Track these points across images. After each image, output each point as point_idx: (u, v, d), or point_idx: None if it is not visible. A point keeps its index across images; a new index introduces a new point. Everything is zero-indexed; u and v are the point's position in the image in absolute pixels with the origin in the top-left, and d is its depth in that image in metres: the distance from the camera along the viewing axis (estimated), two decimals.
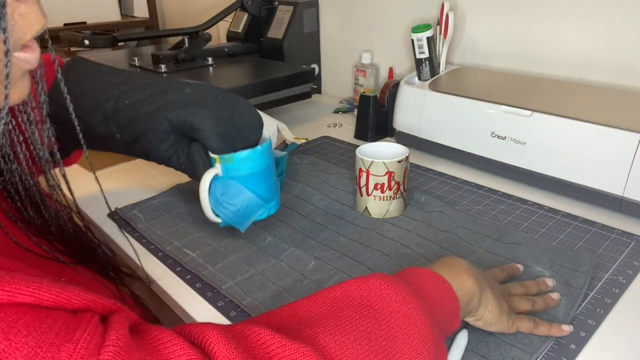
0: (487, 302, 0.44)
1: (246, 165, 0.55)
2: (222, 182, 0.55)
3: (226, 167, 0.55)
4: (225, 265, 0.59)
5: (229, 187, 0.55)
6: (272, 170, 0.58)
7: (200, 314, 0.52)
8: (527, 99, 0.75)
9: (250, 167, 0.55)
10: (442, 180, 0.79)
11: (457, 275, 0.43)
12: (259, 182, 0.57)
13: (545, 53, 0.88)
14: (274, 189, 0.59)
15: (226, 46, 1.22)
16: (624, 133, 0.62)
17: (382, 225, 0.65)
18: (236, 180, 0.55)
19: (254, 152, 0.55)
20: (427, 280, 0.41)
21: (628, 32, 0.78)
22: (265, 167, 0.57)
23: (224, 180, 0.55)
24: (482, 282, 0.44)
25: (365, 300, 0.37)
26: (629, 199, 0.64)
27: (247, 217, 0.57)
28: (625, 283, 0.53)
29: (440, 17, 0.89)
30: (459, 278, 0.43)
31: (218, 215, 0.57)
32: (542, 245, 0.59)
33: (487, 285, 0.44)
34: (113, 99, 0.53)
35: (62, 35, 1.07)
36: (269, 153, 0.57)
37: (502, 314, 0.44)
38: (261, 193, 0.57)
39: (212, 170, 0.55)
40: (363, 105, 0.95)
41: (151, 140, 0.54)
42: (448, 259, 0.46)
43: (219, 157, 0.55)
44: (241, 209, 0.56)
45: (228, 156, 0.54)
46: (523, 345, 0.45)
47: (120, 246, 0.65)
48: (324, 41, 1.29)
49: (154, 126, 0.53)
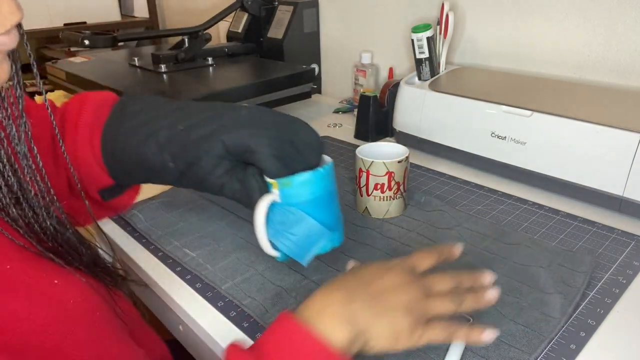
0: (375, 335, 0.39)
1: (307, 189, 0.49)
2: (280, 209, 0.49)
3: (284, 192, 0.49)
4: (226, 265, 0.59)
5: (288, 214, 0.49)
6: (334, 195, 0.52)
7: (200, 314, 0.52)
8: (527, 99, 0.75)
9: (311, 191, 0.49)
10: (442, 180, 0.79)
11: (327, 323, 0.38)
12: (321, 209, 0.50)
13: (545, 53, 0.88)
14: (338, 216, 0.53)
15: (226, 46, 1.22)
16: (624, 133, 0.62)
17: (382, 225, 0.66)
18: (295, 207, 0.49)
19: (315, 175, 0.49)
20: (285, 348, 0.37)
21: (628, 32, 0.78)
22: (328, 191, 0.50)
23: (282, 207, 0.49)
24: (359, 321, 0.38)
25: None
26: (629, 199, 0.64)
27: (309, 248, 0.50)
28: (625, 283, 0.53)
29: (440, 17, 0.89)
30: (330, 326, 0.38)
31: (276, 247, 0.51)
32: (541, 245, 0.59)
33: (372, 315, 0.39)
34: (167, 126, 0.51)
35: (62, 35, 1.07)
36: (331, 176, 0.51)
37: (399, 336, 0.39)
38: (323, 220, 0.50)
39: (268, 197, 0.49)
40: (363, 105, 0.95)
41: (205, 166, 0.50)
42: (322, 296, 0.40)
43: (276, 182, 0.49)
44: (302, 239, 0.49)
45: (286, 180, 0.48)
46: (521, 345, 0.45)
47: (120, 246, 0.65)
48: (324, 41, 1.29)
49: (208, 150, 0.49)
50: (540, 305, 0.50)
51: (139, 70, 1.11)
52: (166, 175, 0.53)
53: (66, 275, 0.39)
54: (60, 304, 0.36)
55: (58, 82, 1.19)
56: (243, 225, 0.67)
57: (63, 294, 0.37)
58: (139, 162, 0.53)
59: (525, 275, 0.54)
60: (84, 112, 0.56)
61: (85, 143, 0.55)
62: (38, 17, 1.79)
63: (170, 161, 0.51)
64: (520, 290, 0.52)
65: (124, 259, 0.66)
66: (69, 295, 0.37)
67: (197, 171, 0.51)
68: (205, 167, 0.50)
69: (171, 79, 1.04)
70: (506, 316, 0.49)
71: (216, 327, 0.51)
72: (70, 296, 0.37)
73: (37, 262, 0.37)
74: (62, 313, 0.36)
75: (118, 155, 0.54)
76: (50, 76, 1.22)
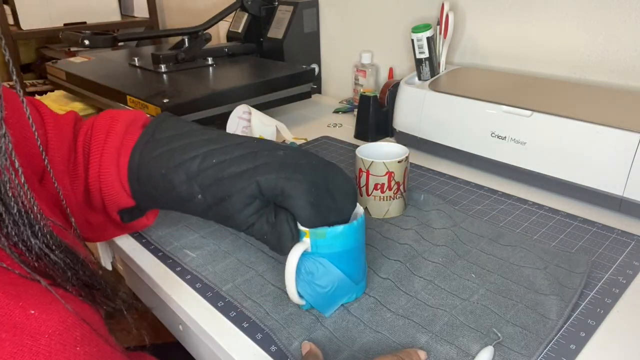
0: None
1: (339, 242, 0.48)
2: (310, 259, 0.48)
3: (317, 242, 0.48)
4: (226, 265, 0.59)
5: (318, 265, 0.48)
6: (363, 248, 0.52)
7: (200, 314, 0.52)
8: (527, 99, 0.75)
9: (343, 244, 0.48)
10: (442, 180, 0.79)
11: None
12: (350, 262, 0.50)
13: (545, 53, 0.88)
14: (364, 267, 0.53)
15: (226, 46, 1.22)
16: (624, 133, 0.62)
17: (381, 225, 0.66)
18: (326, 258, 0.48)
19: (350, 228, 0.48)
20: None
21: (628, 32, 0.78)
22: (359, 244, 0.50)
23: (312, 258, 0.48)
24: None
25: None
26: (629, 199, 0.64)
27: (334, 301, 0.50)
28: (625, 283, 0.53)
29: (440, 17, 0.89)
30: None
31: (302, 297, 0.50)
32: (538, 247, 0.59)
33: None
34: (200, 157, 0.50)
35: (62, 36, 1.07)
36: (363, 229, 0.50)
37: None
38: (351, 273, 0.50)
39: (300, 246, 0.48)
40: (363, 105, 0.95)
41: (235, 203, 0.49)
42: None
43: (309, 231, 0.47)
44: (330, 291, 0.49)
45: (321, 231, 0.47)
46: (520, 347, 0.45)
47: (120, 246, 0.65)
48: (324, 41, 1.29)
49: (241, 189, 0.48)
50: (537, 307, 0.50)
51: (139, 70, 1.11)
52: (192, 206, 0.52)
53: (48, 303, 0.34)
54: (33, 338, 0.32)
55: (58, 82, 1.19)
56: None
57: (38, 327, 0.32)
58: (166, 190, 0.51)
59: (521, 277, 0.54)
60: (112, 132, 0.54)
61: (112, 164, 0.53)
62: (38, 17, 1.79)
63: (199, 193, 0.50)
64: (517, 292, 0.52)
65: (124, 259, 0.66)
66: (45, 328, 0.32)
67: (227, 207, 0.49)
68: (235, 205, 0.49)
69: (171, 79, 1.04)
70: (503, 318, 0.49)
71: (216, 327, 0.51)
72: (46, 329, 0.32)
73: (16, 288, 0.33)
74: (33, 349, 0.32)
75: (144, 180, 0.53)
76: (51, 76, 1.22)
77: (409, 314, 0.50)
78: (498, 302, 0.51)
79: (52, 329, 0.33)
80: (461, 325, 0.48)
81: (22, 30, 1.76)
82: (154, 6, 2.00)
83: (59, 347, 0.32)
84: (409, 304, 0.51)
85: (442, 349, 0.45)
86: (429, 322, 0.49)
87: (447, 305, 0.51)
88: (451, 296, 0.52)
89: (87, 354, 0.34)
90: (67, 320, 0.34)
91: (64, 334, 0.33)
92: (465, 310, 0.50)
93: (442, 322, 0.48)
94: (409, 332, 0.47)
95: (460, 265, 0.57)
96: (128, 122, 0.55)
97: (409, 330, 0.48)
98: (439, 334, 0.47)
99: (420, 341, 0.46)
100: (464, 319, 0.49)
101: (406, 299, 0.52)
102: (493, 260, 0.57)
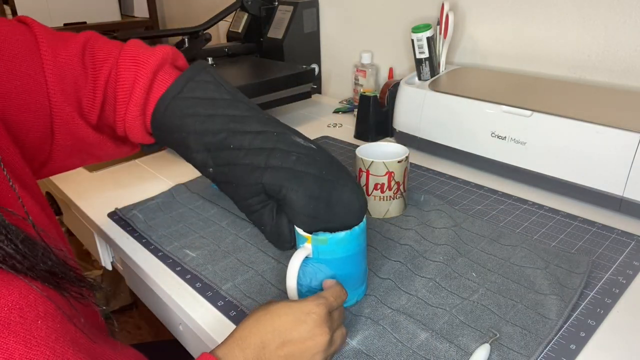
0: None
1: (341, 247, 0.48)
2: (311, 264, 0.49)
3: (318, 248, 0.48)
4: (225, 265, 0.59)
5: (318, 271, 0.49)
6: (365, 252, 0.52)
7: (200, 314, 0.52)
8: (527, 99, 0.75)
9: (345, 249, 0.49)
10: (442, 180, 0.79)
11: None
12: (352, 266, 0.50)
13: (545, 53, 0.88)
14: (365, 270, 0.53)
15: (226, 46, 1.22)
16: (624, 133, 0.62)
17: (382, 225, 0.66)
18: (327, 264, 0.49)
19: (352, 235, 0.48)
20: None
21: (628, 32, 0.78)
22: (361, 249, 0.51)
23: (313, 263, 0.49)
24: None
25: None
26: (629, 199, 0.64)
27: None
28: (625, 283, 0.53)
29: (440, 17, 0.89)
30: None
31: None
32: (539, 247, 0.59)
33: None
34: (221, 135, 0.50)
35: None
36: (364, 234, 0.51)
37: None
38: (352, 276, 0.50)
39: (302, 251, 0.48)
40: (363, 105, 0.95)
41: (240, 192, 0.51)
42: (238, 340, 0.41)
43: (311, 237, 0.48)
44: None
45: (322, 237, 0.48)
46: (519, 347, 0.45)
47: (120, 246, 0.65)
48: (324, 41, 1.29)
49: (247, 184, 0.50)
50: (537, 307, 0.50)
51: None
52: (203, 172, 0.53)
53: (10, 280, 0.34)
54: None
55: None
56: (243, 225, 0.67)
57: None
58: (183, 148, 0.53)
59: (521, 277, 0.54)
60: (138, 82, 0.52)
61: (138, 115, 0.53)
62: (38, 17, 1.76)
63: (212, 167, 0.52)
64: (517, 292, 0.52)
65: (124, 259, 0.66)
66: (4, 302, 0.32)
67: (232, 191, 0.52)
68: (241, 193, 0.51)
69: None
70: (503, 318, 0.49)
71: (216, 326, 0.51)
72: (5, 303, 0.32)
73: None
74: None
75: (165, 132, 0.53)
76: None
77: (410, 312, 0.50)
78: (498, 302, 0.51)
79: (12, 303, 0.33)
80: (461, 324, 0.48)
81: None
82: (154, 6, 2.00)
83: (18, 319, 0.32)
84: (409, 303, 0.51)
85: (441, 347, 0.45)
86: (429, 320, 0.49)
87: (447, 304, 0.51)
88: (451, 295, 0.52)
89: (49, 329, 0.34)
90: (29, 297, 0.34)
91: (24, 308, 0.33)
92: (465, 309, 0.50)
93: (442, 321, 0.48)
94: (409, 330, 0.47)
95: (461, 264, 0.57)
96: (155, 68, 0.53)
97: (409, 327, 0.48)
98: (438, 332, 0.47)
99: (420, 338, 0.46)
100: (464, 318, 0.49)
101: (406, 298, 0.52)
102: (493, 260, 0.57)
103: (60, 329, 0.35)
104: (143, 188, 0.78)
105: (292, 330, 0.41)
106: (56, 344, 0.34)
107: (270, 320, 0.42)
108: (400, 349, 0.46)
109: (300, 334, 0.41)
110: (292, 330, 0.41)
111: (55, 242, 0.41)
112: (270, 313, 0.42)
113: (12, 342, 0.31)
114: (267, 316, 0.42)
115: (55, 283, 0.37)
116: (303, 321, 0.41)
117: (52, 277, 0.37)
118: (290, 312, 0.42)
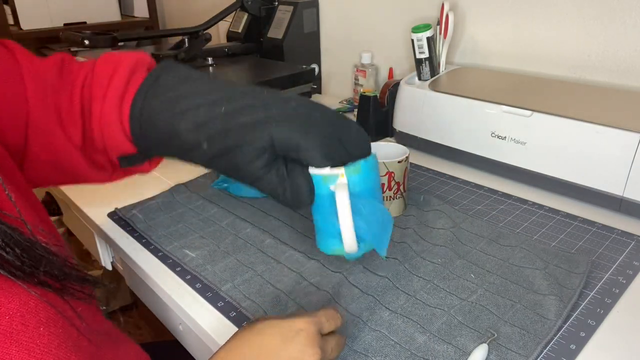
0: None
1: (372, 175, 0.47)
2: (355, 198, 0.46)
3: (353, 179, 0.45)
4: (225, 265, 0.59)
5: (360, 204, 0.46)
6: None
7: (200, 314, 0.52)
8: (527, 99, 0.75)
9: (374, 177, 0.47)
10: (442, 180, 0.79)
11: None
12: (379, 194, 0.49)
13: (545, 53, 0.88)
14: None
15: (226, 46, 1.22)
16: (624, 133, 0.62)
17: None
18: (364, 194, 0.46)
19: (375, 160, 0.48)
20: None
21: (628, 32, 0.78)
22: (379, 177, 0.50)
23: (355, 196, 0.46)
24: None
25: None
26: (629, 199, 0.64)
27: (386, 235, 0.48)
28: (625, 283, 0.53)
29: (440, 17, 0.89)
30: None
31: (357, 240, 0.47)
32: (538, 247, 0.59)
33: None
34: (206, 105, 0.47)
35: (62, 35, 1.07)
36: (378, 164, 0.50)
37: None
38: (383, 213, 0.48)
39: (342, 187, 0.45)
40: (363, 105, 0.95)
41: (244, 155, 0.46)
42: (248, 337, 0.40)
43: (344, 169, 0.45)
44: (379, 228, 0.47)
45: (355, 166, 0.45)
46: (518, 347, 0.45)
47: (120, 246, 0.65)
48: (324, 41, 1.29)
49: (252, 141, 0.46)
50: (536, 307, 0.50)
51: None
52: (196, 154, 0.50)
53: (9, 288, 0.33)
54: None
55: None
56: (243, 226, 0.67)
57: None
58: (170, 138, 0.49)
59: (521, 277, 0.54)
60: (116, 76, 0.51)
61: (114, 109, 0.51)
62: (38, 17, 1.79)
63: (205, 142, 0.48)
64: (516, 292, 0.52)
65: (124, 259, 0.66)
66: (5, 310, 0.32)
67: (234, 159, 0.47)
68: (244, 156, 0.47)
69: None
70: (501, 318, 0.49)
71: (216, 327, 0.51)
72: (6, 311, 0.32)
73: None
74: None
75: (147, 128, 0.50)
76: None
77: (408, 313, 0.50)
78: (496, 302, 0.51)
79: (13, 311, 0.32)
80: (459, 325, 0.48)
81: (22, 30, 1.76)
82: (154, 6, 2.00)
83: (20, 327, 0.32)
84: (407, 303, 0.51)
85: (439, 349, 0.45)
86: (427, 321, 0.49)
87: (445, 305, 0.51)
88: (450, 296, 0.52)
89: (51, 335, 0.33)
90: (30, 303, 0.33)
91: (26, 315, 0.33)
92: (464, 310, 0.50)
93: (441, 322, 0.48)
94: (407, 331, 0.47)
95: (459, 265, 0.57)
96: (132, 65, 0.52)
97: (407, 329, 0.48)
98: (437, 334, 0.47)
99: (418, 340, 0.46)
100: (462, 319, 0.49)
101: (405, 298, 0.52)
102: (493, 261, 0.57)
103: (63, 334, 0.34)
104: (143, 188, 0.78)
105: (279, 351, 0.39)
106: (59, 350, 0.33)
107: (259, 339, 0.40)
108: (399, 351, 0.46)
109: (289, 353, 0.39)
110: (279, 351, 0.39)
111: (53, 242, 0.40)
112: (257, 332, 0.40)
113: (15, 352, 0.31)
114: (254, 335, 0.40)
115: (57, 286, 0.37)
116: (291, 340, 0.39)
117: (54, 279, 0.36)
118: (277, 330, 0.40)
